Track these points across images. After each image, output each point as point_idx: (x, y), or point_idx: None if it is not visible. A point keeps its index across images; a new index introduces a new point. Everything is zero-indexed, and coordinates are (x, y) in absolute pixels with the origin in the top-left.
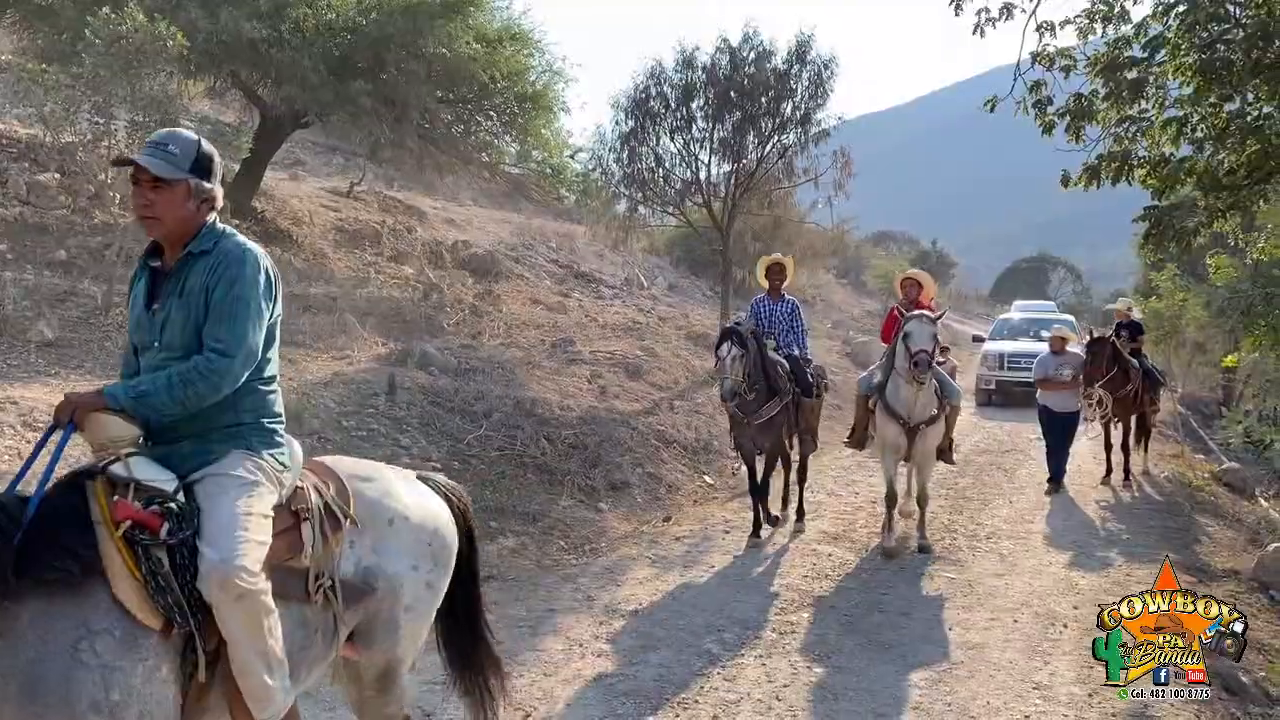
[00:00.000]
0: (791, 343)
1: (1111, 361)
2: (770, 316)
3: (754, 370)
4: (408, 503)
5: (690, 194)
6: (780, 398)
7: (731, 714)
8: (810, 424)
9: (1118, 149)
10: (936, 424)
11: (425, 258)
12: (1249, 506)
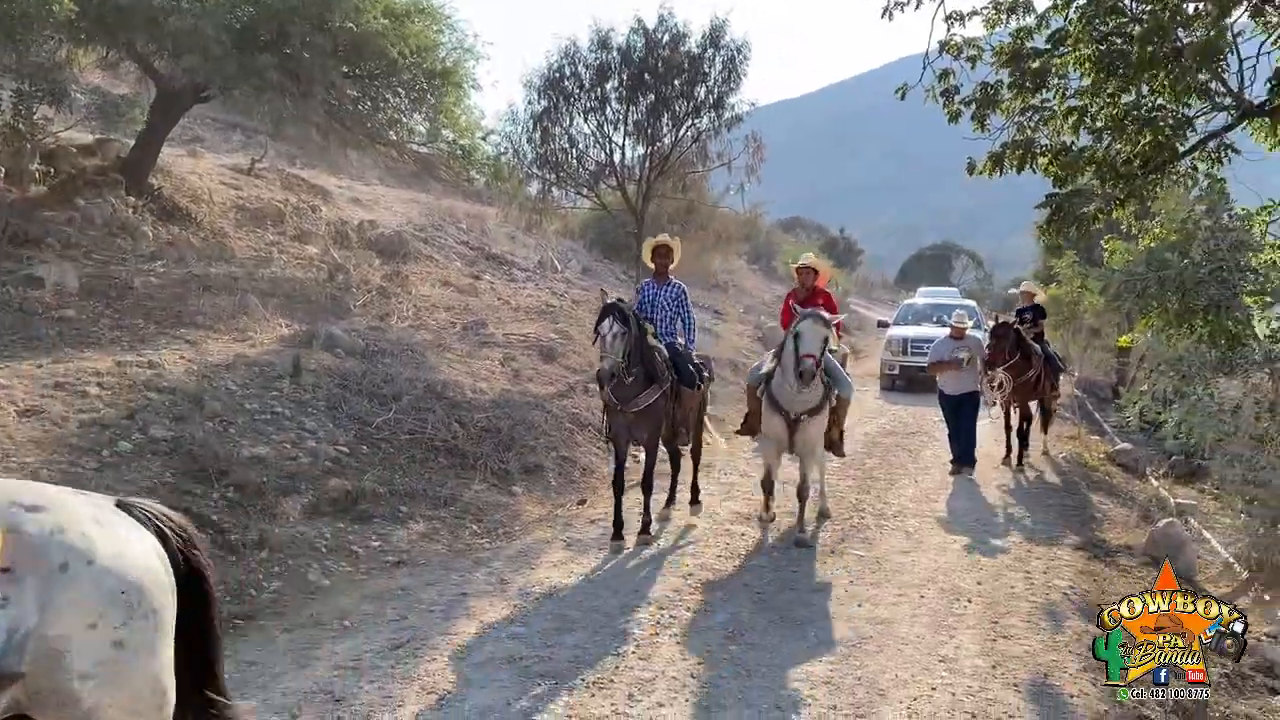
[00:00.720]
0: (676, 330)
1: (1015, 347)
2: (654, 301)
3: (634, 352)
4: (92, 539)
5: (604, 176)
6: (658, 385)
7: (647, 692)
8: (688, 415)
9: (1021, 138)
10: (819, 415)
11: (330, 238)
12: (1141, 485)
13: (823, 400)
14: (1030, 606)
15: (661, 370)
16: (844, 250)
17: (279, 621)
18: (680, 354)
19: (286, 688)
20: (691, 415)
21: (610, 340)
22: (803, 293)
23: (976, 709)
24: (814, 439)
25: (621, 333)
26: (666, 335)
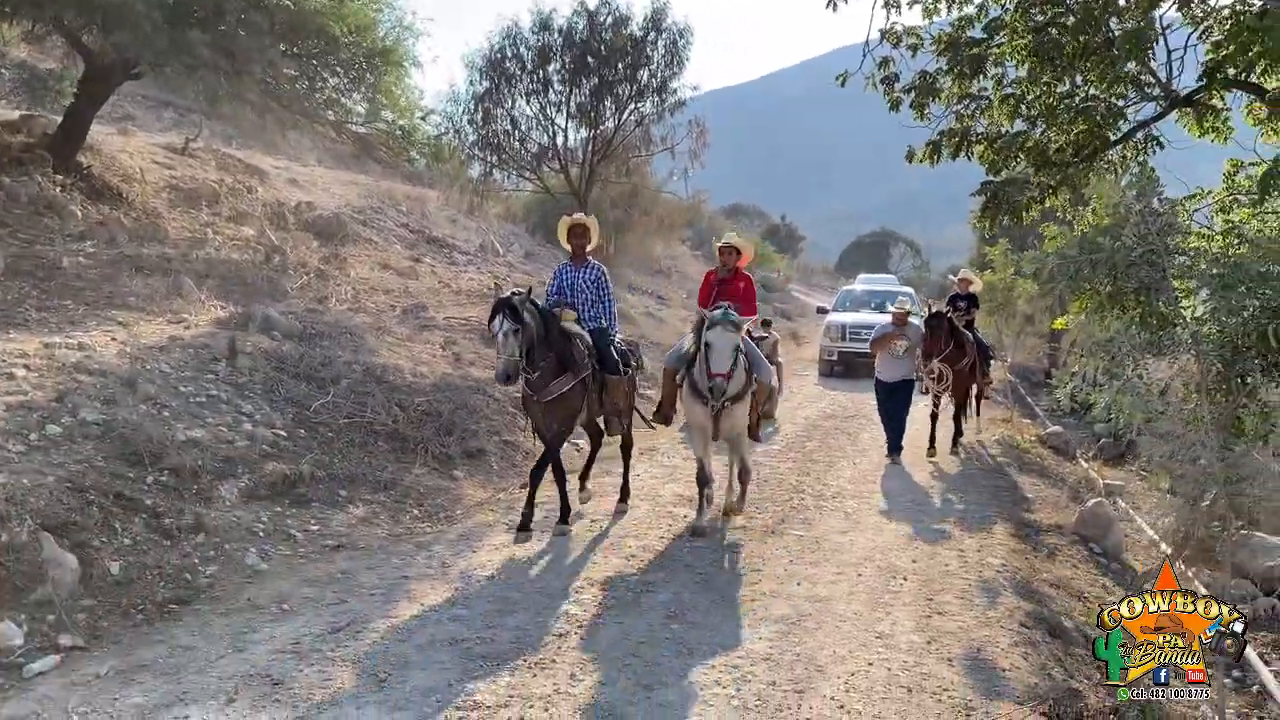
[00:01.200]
0: (599, 315)
1: (949, 336)
2: (573, 285)
3: (538, 344)
4: None
5: (547, 159)
6: (574, 373)
7: (589, 671)
8: (616, 403)
9: (958, 126)
10: (742, 402)
11: (267, 219)
12: (1070, 467)
13: (745, 386)
14: (964, 584)
15: (579, 358)
16: (785, 237)
17: (215, 606)
18: (605, 339)
19: (223, 671)
20: (622, 403)
21: (504, 339)
22: (723, 272)
23: (912, 683)
24: (739, 426)
25: (514, 329)
26: (590, 320)
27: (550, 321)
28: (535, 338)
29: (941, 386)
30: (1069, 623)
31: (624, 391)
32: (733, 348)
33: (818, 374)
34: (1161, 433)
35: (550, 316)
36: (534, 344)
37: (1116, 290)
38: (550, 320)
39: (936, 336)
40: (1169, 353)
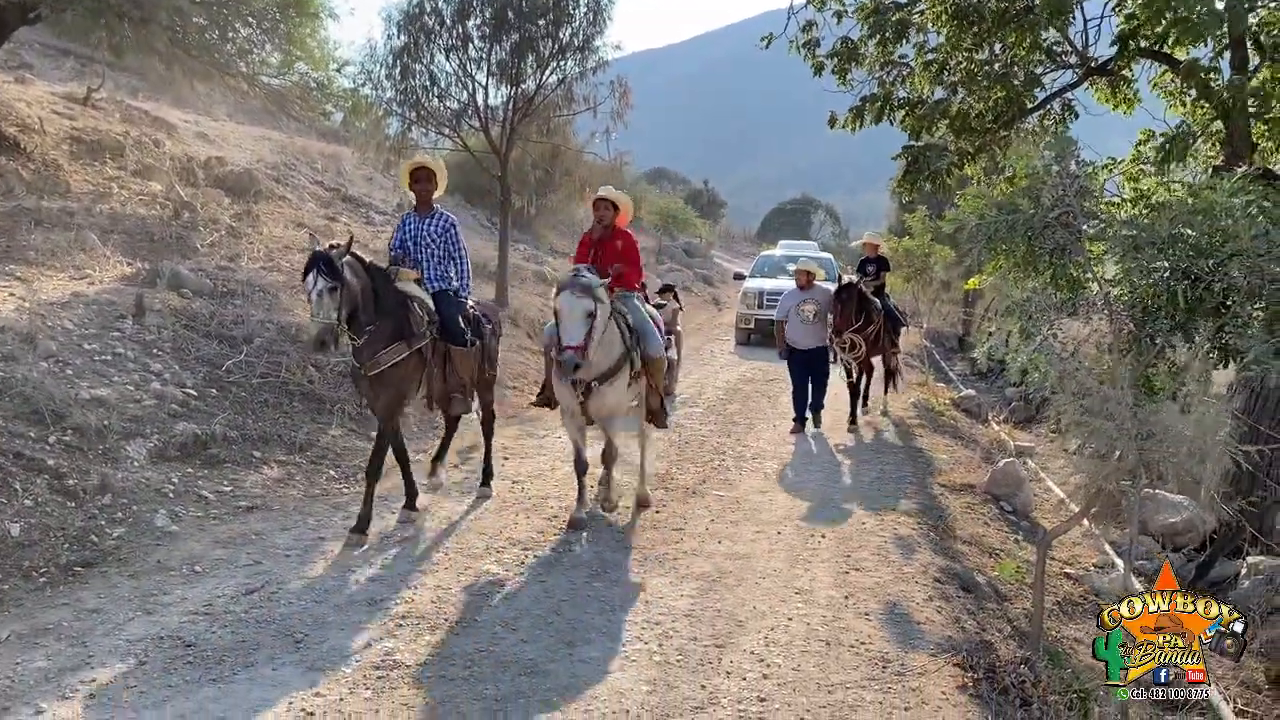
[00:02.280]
0: (447, 273)
1: (859, 307)
2: (417, 238)
3: (363, 307)
4: None
5: (467, 117)
6: (409, 342)
7: (512, 629)
8: (464, 378)
9: (881, 92)
10: (615, 380)
11: (175, 174)
12: (983, 429)
13: (620, 362)
14: (880, 541)
15: (416, 324)
16: (707, 203)
17: (123, 568)
18: (451, 303)
19: (132, 634)
20: (472, 377)
21: (317, 299)
22: (599, 231)
23: (830, 637)
24: (612, 407)
25: (330, 288)
26: (436, 280)
27: (381, 280)
28: (360, 299)
29: (855, 355)
30: (981, 578)
31: (472, 365)
32: (584, 314)
33: (734, 343)
34: (1074, 390)
35: (381, 274)
36: (358, 306)
37: (1032, 252)
38: (381, 279)
39: (847, 311)
40: (1082, 313)
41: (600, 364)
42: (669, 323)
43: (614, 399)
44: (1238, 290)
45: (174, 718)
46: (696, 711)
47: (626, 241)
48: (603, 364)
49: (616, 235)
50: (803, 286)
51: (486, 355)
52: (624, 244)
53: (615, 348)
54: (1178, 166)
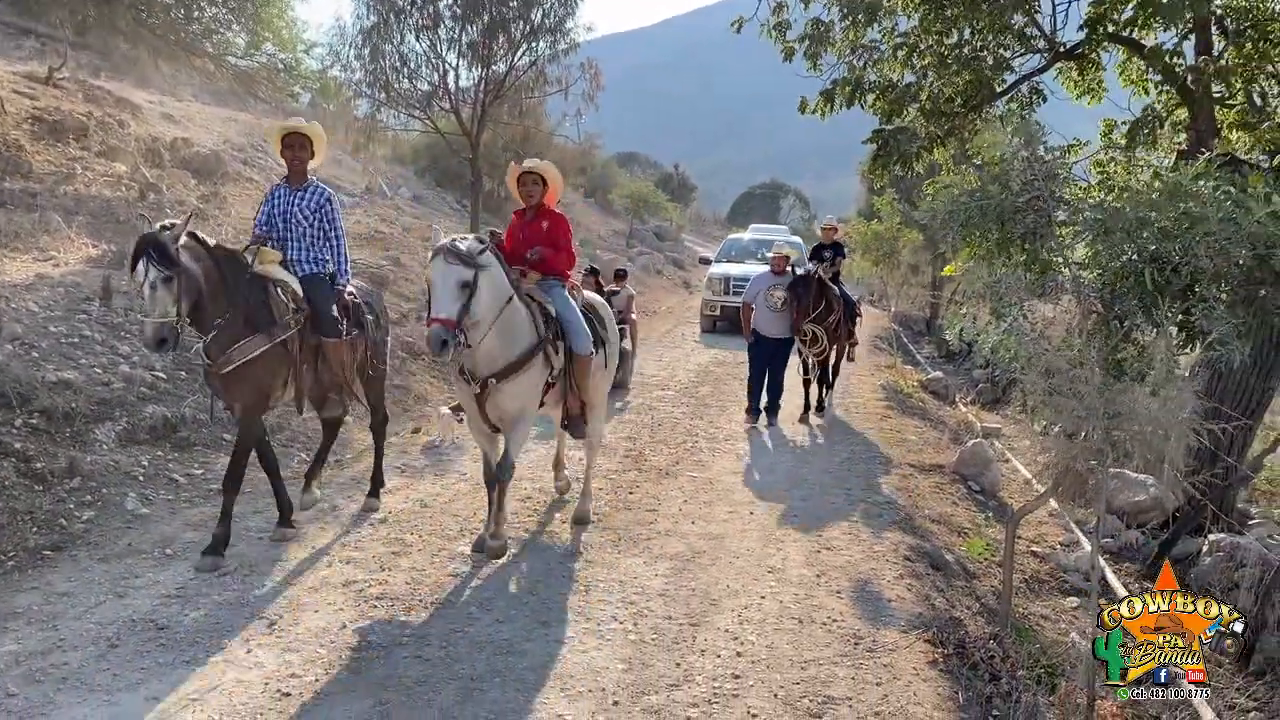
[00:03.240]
0: (321, 255)
1: (819, 297)
2: (287, 214)
3: (210, 297)
4: None
5: (437, 98)
6: (268, 335)
7: (486, 610)
8: (338, 376)
9: (851, 76)
10: (517, 378)
11: (141, 155)
12: (950, 411)
13: (527, 357)
14: (851, 520)
15: (278, 314)
16: (678, 186)
17: (93, 551)
18: (324, 290)
19: (103, 618)
20: (348, 375)
21: (150, 293)
22: (529, 214)
23: (802, 614)
24: (511, 411)
25: (163, 278)
26: (308, 263)
27: (230, 265)
28: (204, 287)
29: (816, 350)
30: (950, 556)
31: (349, 360)
32: (457, 284)
33: (699, 330)
34: (1043, 370)
35: (231, 258)
36: (202, 296)
37: (1004, 237)
38: (230, 263)
39: (805, 301)
40: (1051, 295)
41: (497, 355)
42: (622, 310)
43: (515, 401)
44: (1204, 273)
45: (147, 700)
46: (671, 689)
47: (555, 223)
48: (500, 356)
49: (543, 215)
50: (778, 272)
51: (371, 349)
52: (551, 225)
53: (521, 338)
54: (1145, 151)
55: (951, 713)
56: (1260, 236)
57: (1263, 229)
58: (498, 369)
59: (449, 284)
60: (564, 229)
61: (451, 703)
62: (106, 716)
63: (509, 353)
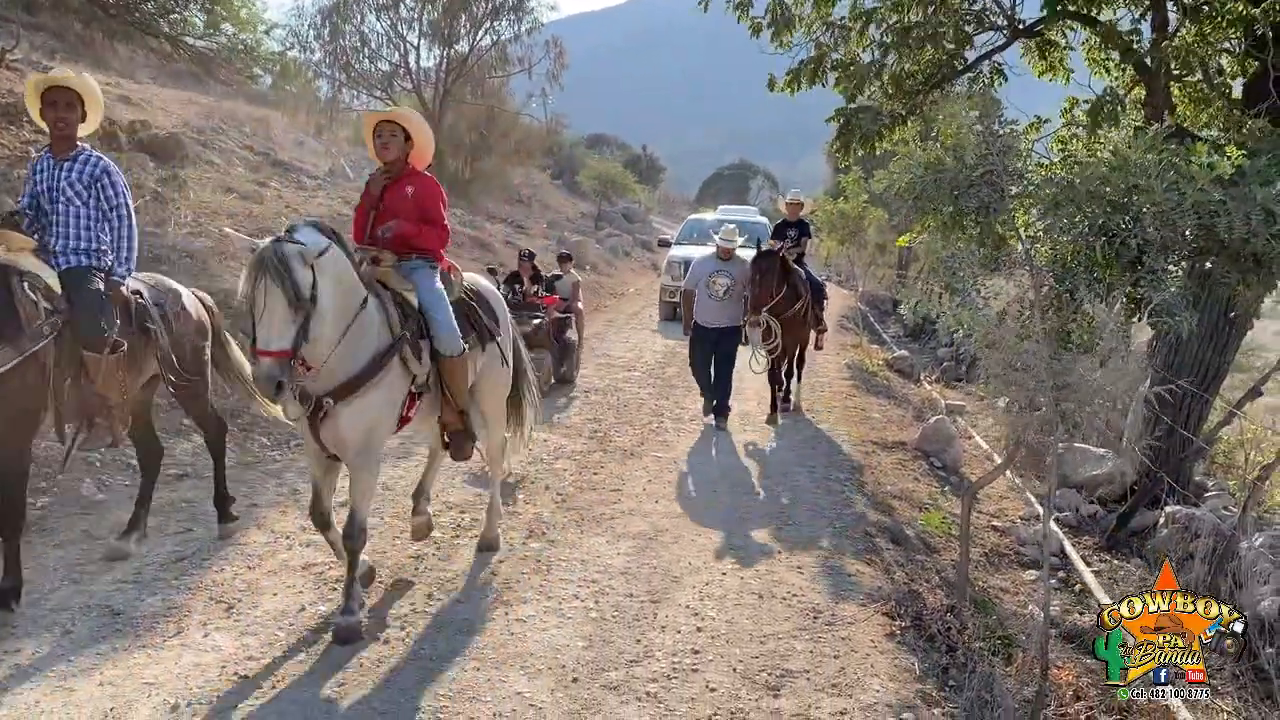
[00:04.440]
0: (95, 242)
1: (782, 279)
2: (52, 188)
3: None
4: None
5: (399, 78)
6: (15, 345)
7: (447, 590)
8: (105, 390)
9: (816, 54)
10: (368, 394)
11: (97, 137)
12: (915, 388)
13: (371, 368)
14: (812, 498)
15: (26, 319)
16: (647, 168)
17: (49, 538)
18: (86, 287)
19: (58, 603)
20: (121, 393)
21: None
22: (381, 179)
23: (762, 589)
24: (354, 441)
25: None
26: (75, 253)
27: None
28: None
29: (769, 344)
30: (910, 531)
31: (121, 375)
32: (288, 304)
33: (659, 318)
34: (994, 343)
35: None
36: None
37: (958, 210)
38: None
39: (767, 283)
40: (1005, 269)
41: (334, 368)
42: (568, 297)
43: (358, 427)
44: (1151, 245)
45: (103, 685)
46: (632, 664)
47: (422, 188)
48: (339, 369)
49: (408, 178)
50: (723, 256)
51: (164, 359)
52: (418, 191)
53: (368, 343)
54: (1108, 129)
55: (908, 684)
56: (1203, 205)
57: (1205, 197)
58: (335, 385)
59: (277, 306)
60: (435, 196)
61: (411, 683)
62: (61, 703)
63: (350, 364)
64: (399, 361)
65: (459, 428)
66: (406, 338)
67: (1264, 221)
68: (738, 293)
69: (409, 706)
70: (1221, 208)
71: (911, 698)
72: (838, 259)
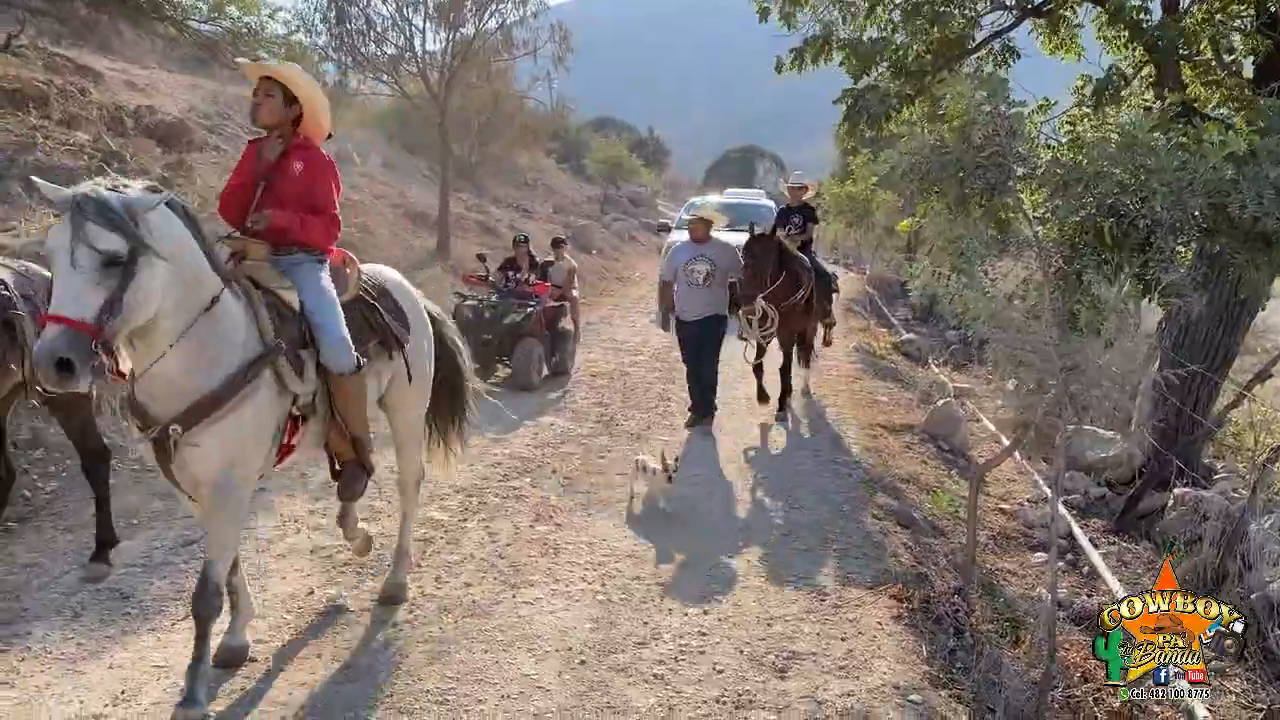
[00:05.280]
0: None
1: (779, 266)
2: None
3: None
4: None
5: (405, 62)
6: None
7: (455, 574)
8: None
9: (822, 33)
10: (220, 422)
11: (103, 123)
12: (923, 372)
13: (231, 385)
14: (820, 481)
15: None
16: (653, 151)
17: (58, 522)
18: None
19: (68, 587)
20: None
21: None
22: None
23: (769, 572)
24: (208, 479)
25: None
26: None
27: None
28: None
29: (764, 332)
30: (917, 514)
31: None
32: (98, 261)
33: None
34: (1002, 324)
35: None
36: None
37: (964, 193)
38: None
39: (762, 268)
40: (1012, 251)
41: (182, 385)
42: (562, 285)
43: (216, 460)
44: (1161, 225)
45: (112, 668)
46: (639, 646)
47: (311, 165)
48: (189, 386)
49: (297, 152)
50: (698, 240)
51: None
52: (306, 169)
53: (227, 353)
54: (1113, 109)
55: (915, 666)
56: (1215, 184)
57: (1217, 175)
58: (184, 408)
59: (83, 259)
60: (326, 176)
61: (419, 664)
62: (71, 686)
63: (202, 379)
64: (272, 377)
65: (351, 458)
66: (282, 348)
67: (1276, 201)
68: (720, 278)
69: (417, 688)
70: (1233, 186)
71: (919, 680)
72: (845, 242)
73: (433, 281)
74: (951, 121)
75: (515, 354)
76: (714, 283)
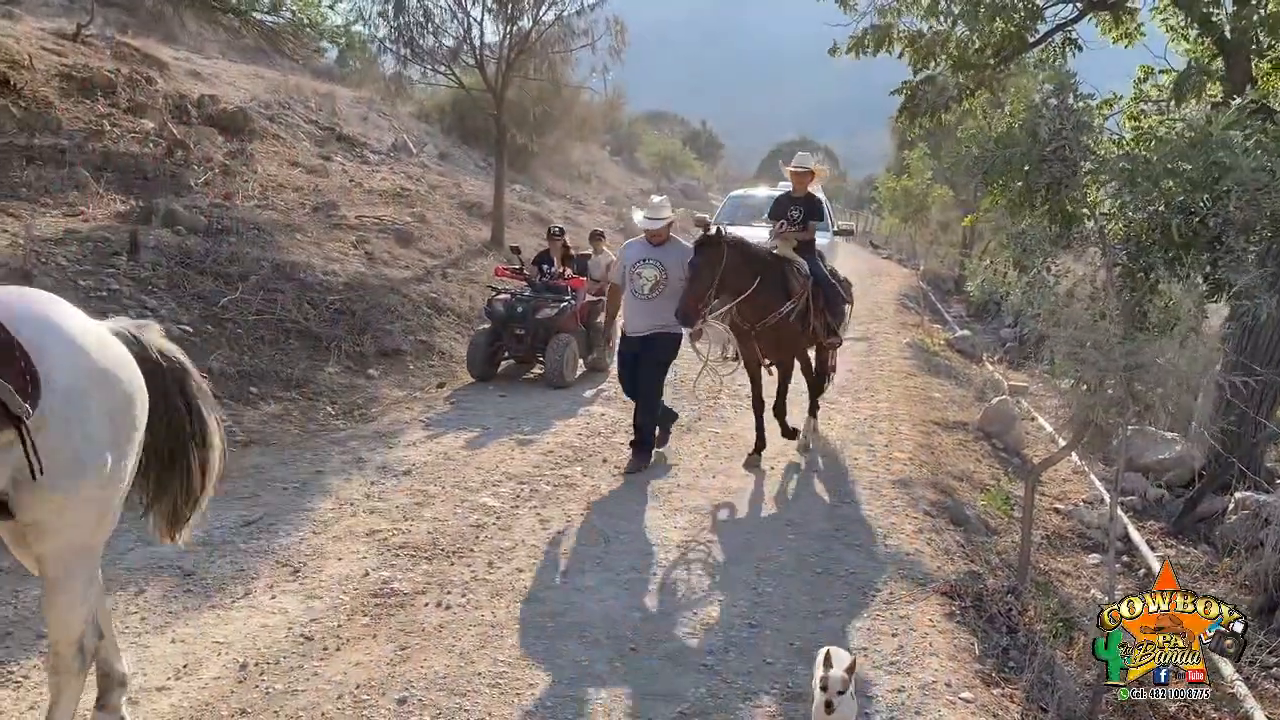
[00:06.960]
0: None
1: (751, 273)
2: None
3: None
4: None
5: (463, 54)
6: None
7: (506, 559)
8: None
9: (882, 23)
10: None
11: (168, 111)
12: (977, 369)
13: None
14: (871, 476)
15: None
16: (705, 144)
17: None
18: None
19: (130, 564)
20: None
21: None
22: None
23: (820, 567)
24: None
25: None
26: None
27: None
28: None
29: (730, 354)
30: (970, 512)
31: None
32: None
33: None
34: (1064, 322)
35: None
36: None
37: (1028, 187)
38: None
39: (700, 281)
40: (1076, 246)
41: None
42: (601, 278)
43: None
44: (1233, 224)
45: (174, 643)
46: (689, 636)
47: None
48: None
49: None
50: (655, 242)
51: None
52: None
53: None
54: (1195, 104)
55: (967, 664)
56: None
57: None
58: None
59: None
60: None
61: (471, 648)
62: (134, 659)
63: None
64: None
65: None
66: None
67: None
68: (673, 288)
69: (470, 671)
70: None
71: (971, 678)
72: (899, 237)
73: (486, 272)
74: (1016, 115)
75: (548, 350)
76: (663, 292)
